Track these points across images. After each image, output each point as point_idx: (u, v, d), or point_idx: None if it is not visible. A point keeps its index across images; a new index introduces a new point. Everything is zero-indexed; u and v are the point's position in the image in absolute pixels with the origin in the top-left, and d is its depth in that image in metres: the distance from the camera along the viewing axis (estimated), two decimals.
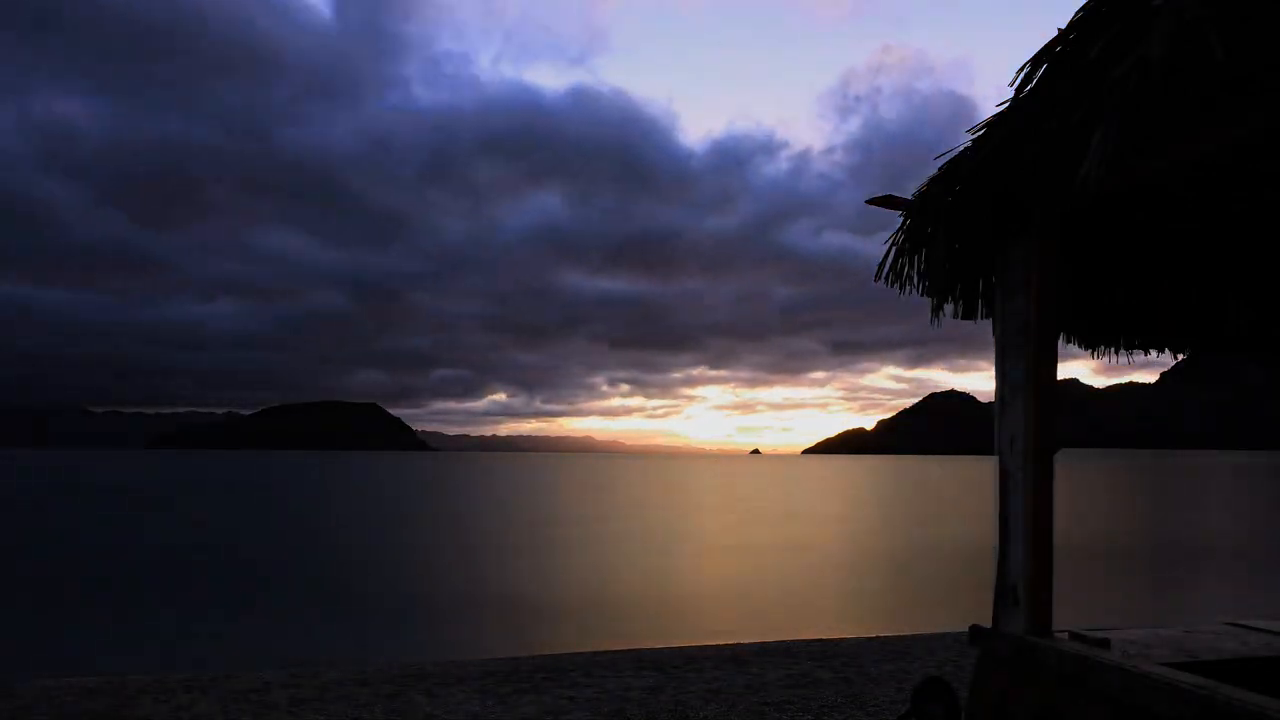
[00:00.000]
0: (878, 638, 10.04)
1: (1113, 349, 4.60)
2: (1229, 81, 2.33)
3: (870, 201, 3.77)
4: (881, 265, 3.72)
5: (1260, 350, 4.66)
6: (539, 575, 18.50)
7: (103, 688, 7.39)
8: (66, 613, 13.89)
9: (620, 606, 14.51)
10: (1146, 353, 4.64)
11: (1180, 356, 4.78)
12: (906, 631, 10.67)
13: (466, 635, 12.07)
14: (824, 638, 10.21)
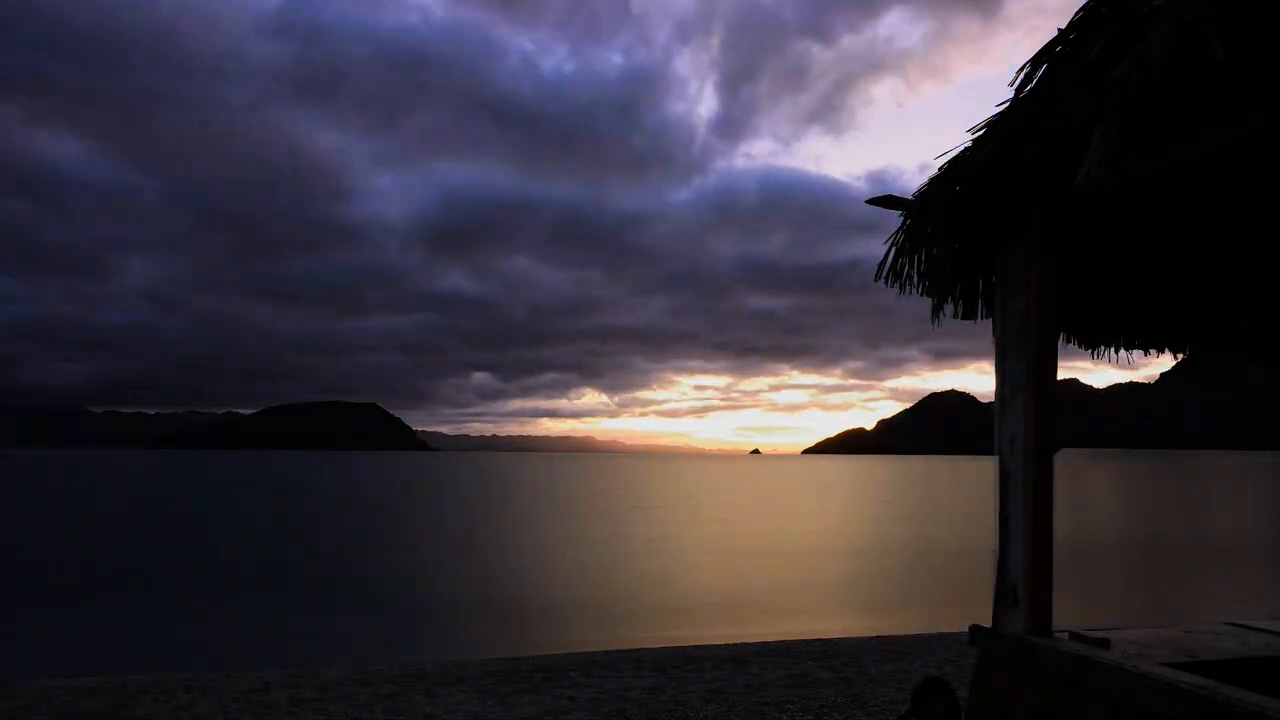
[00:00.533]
0: (878, 638, 10.04)
1: (1113, 349, 4.59)
2: (1229, 81, 2.33)
3: (870, 201, 3.76)
4: (881, 265, 3.71)
5: (1260, 350, 4.65)
6: (539, 575, 18.50)
7: (103, 688, 7.40)
8: (66, 613, 13.88)
9: (620, 606, 14.51)
10: (1146, 353, 4.64)
11: (1180, 356, 4.78)
12: (906, 631, 10.67)
13: (466, 635, 12.07)
14: (824, 638, 10.21)
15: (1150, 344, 4.60)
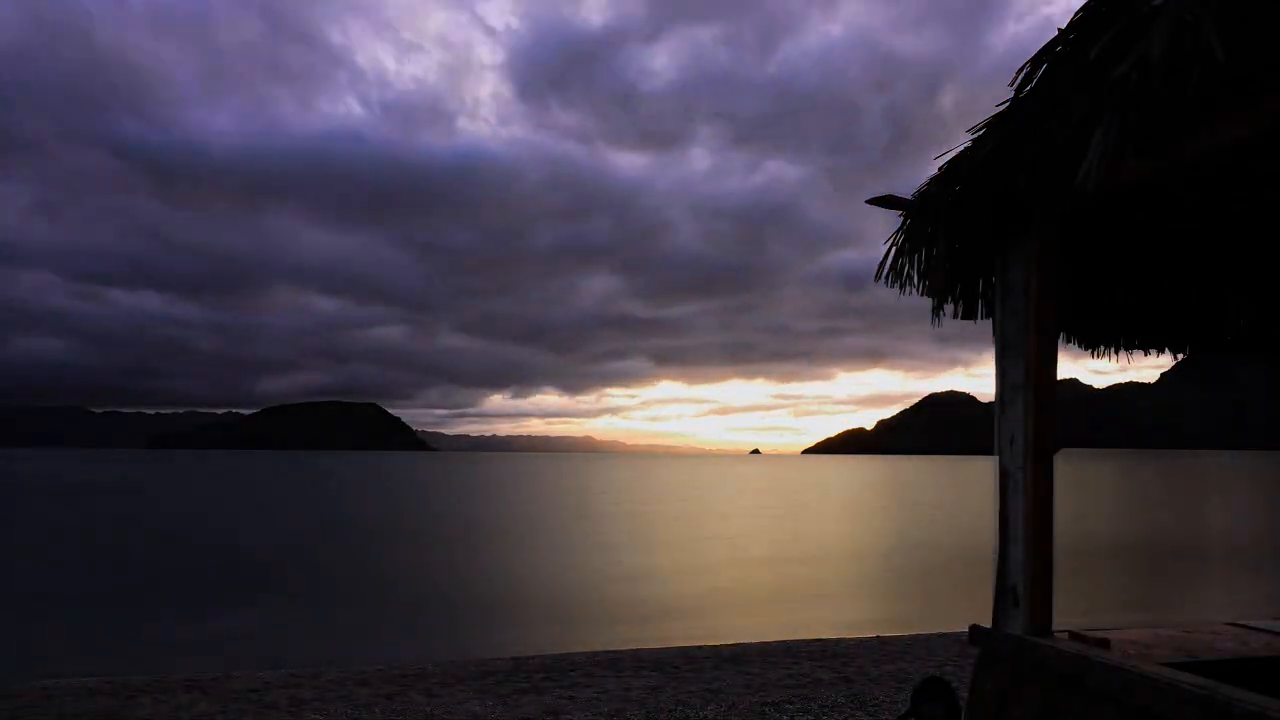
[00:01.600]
0: (878, 638, 10.05)
1: (1113, 349, 4.59)
2: (1229, 81, 2.32)
3: (870, 201, 3.76)
4: (881, 265, 3.71)
5: (1260, 350, 4.65)
6: (539, 575, 18.50)
7: (103, 688, 7.40)
8: (66, 613, 13.89)
9: (620, 606, 14.51)
10: (1146, 353, 4.64)
11: (1180, 356, 4.78)
12: (906, 631, 10.68)
13: (466, 635, 12.07)
14: (824, 638, 10.22)
15: (1150, 344, 4.60)
